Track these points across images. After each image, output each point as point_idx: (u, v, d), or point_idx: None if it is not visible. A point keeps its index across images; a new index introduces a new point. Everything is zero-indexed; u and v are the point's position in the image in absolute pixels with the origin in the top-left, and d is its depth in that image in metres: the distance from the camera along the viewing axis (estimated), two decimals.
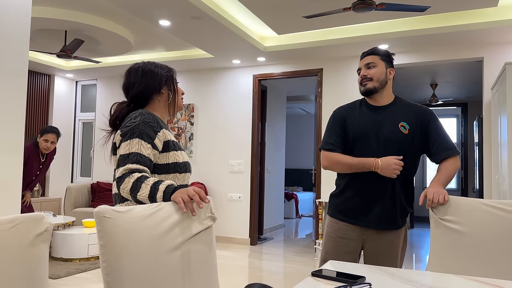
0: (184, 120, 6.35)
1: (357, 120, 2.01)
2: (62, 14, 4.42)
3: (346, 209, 1.99)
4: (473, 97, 8.06)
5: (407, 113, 1.98)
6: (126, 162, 1.46)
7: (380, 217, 1.94)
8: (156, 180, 1.43)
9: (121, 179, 1.44)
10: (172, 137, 1.65)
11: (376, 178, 1.92)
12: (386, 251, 1.95)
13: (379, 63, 2.00)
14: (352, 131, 2.00)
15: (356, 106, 2.08)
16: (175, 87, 1.74)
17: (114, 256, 1.08)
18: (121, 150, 1.51)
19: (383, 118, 1.98)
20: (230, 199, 6.00)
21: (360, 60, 2.08)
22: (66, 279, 3.96)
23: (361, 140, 1.96)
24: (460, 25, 4.34)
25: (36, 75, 6.84)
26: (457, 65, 5.83)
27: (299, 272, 4.47)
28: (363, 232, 1.97)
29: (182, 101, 1.79)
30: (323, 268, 1.43)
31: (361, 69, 2.03)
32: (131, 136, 1.50)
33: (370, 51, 2.03)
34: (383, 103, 2.02)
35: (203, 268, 1.35)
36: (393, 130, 1.94)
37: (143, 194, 1.40)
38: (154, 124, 1.56)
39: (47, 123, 7.02)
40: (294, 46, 5.12)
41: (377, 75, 1.98)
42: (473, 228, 1.70)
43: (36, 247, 0.90)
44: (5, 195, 2.32)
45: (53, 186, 7.02)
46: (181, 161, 1.62)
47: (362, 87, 2.01)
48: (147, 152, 1.50)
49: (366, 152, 1.95)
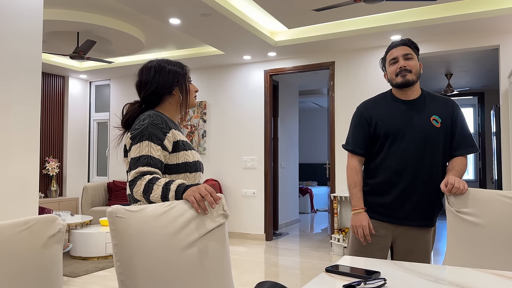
0: (197, 118, 6.38)
1: (387, 115, 1.94)
2: (73, 16, 4.46)
3: (378, 206, 1.93)
4: (490, 86, 7.89)
5: (437, 106, 1.93)
6: (137, 165, 1.48)
7: (415, 214, 1.89)
8: (167, 180, 1.44)
9: (134, 182, 1.46)
10: (182, 137, 1.65)
11: (411, 176, 1.87)
12: (418, 247, 1.91)
13: (414, 56, 1.93)
14: (382, 127, 1.93)
15: (383, 101, 2.00)
16: (187, 86, 1.72)
17: (127, 255, 1.09)
18: (132, 153, 1.52)
19: (415, 112, 1.92)
20: (244, 195, 6.02)
21: (391, 49, 1.96)
22: (85, 277, 4.02)
23: (394, 135, 1.90)
24: (474, 13, 4.24)
25: (50, 77, 6.94)
26: (472, 54, 5.71)
27: (315, 267, 4.46)
28: (394, 228, 1.92)
29: (195, 99, 1.78)
30: (338, 264, 1.41)
31: (396, 59, 1.92)
32: (141, 139, 1.51)
33: (406, 42, 1.93)
34: (413, 97, 1.95)
35: (216, 266, 1.36)
36: (426, 124, 1.89)
37: (156, 195, 1.41)
38: (163, 125, 1.56)
39: (63, 124, 7.13)
40: (304, 39, 5.08)
41: (416, 67, 1.91)
42: (491, 221, 1.66)
43: (49, 248, 0.91)
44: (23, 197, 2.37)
45: (70, 186, 7.14)
46: (191, 160, 1.62)
47: (401, 78, 1.90)
48: (157, 154, 1.51)
49: (400, 148, 1.89)
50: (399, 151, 1.89)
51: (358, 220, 1.91)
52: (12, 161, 2.31)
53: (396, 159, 1.89)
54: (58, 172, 7.01)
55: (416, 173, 1.87)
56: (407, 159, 1.88)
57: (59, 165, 6.98)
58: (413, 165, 1.87)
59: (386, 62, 1.99)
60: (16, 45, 2.35)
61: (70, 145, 7.14)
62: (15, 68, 2.34)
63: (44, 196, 6.75)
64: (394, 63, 1.94)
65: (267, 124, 5.93)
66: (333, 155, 5.48)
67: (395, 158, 1.90)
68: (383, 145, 1.93)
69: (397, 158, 1.89)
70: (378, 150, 1.95)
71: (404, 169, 1.88)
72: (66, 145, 7.12)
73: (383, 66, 2.03)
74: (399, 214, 1.90)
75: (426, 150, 1.87)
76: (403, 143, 1.89)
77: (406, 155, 1.88)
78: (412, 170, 1.87)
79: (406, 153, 1.88)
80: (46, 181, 6.80)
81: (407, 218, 1.89)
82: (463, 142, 1.91)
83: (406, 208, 1.89)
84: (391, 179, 1.90)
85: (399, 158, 1.89)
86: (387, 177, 1.91)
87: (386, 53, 2.01)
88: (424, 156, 1.88)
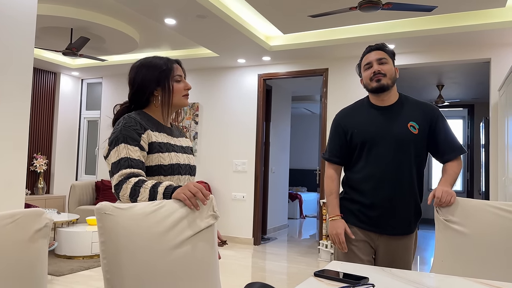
0: (189, 119, 6.35)
1: (363, 123, 1.92)
2: (68, 12, 4.42)
3: (361, 214, 1.92)
4: (480, 99, 8.00)
5: (415, 112, 1.90)
6: (119, 169, 1.45)
7: (396, 222, 1.87)
8: (154, 183, 1.41)
9: (119, 186, 1.43)
10: (162, 138, 1.58)
11: (391, 183, 1.85)
12: (400, 256, 1.91)
13: (389, 60, 1.91)
14: (358, 135, 1.91)
15: (360, 108, 1.98)
16: (170, 85, 1.61)
17: (114, 253, 1.07)
18: (111, 158, 1.49)
19: (391, 119, 1.89)
20: (234, 198, 6.00)
21: (365, 54, 1.94)
22: (69, 277, 3.96)
23: (370, 143, 1.88)
24: (467, 26, 4.30)
25: (42, 73, 6.87)
26: (464, 66, 5.78)
27: (303, 273, 4.45)
28: (377, 237, 1.91)
29: (185, 98, 1.66)
30: (326, 269, 1.41)
31: (370, 64, 1.90)
32: (117, 143, 1.49)
33: (380, 46, 1.92)
34: (389, 103, 1.93)
35: (204, 267, 1.34)
36: (403, 130, 1.86)
37: (143, 199, 1.39)
38: (137, 126, 1.52)
39: (53, 121, 7.05)
40: (299, 45, 5.10)
41: (390, 72, 1.89)
42: (478, 230, 1.67)
43: (35, 243, 0.89)
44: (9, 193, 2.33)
45: (57, 184, 7.05)
46: (166, 163, 1.55)
47: (376, 83, 1.87)
48: (136, 155, 1.48)
49: (376, 156, 1.87)
50: (377, 159, 1.87)
51: (333, 228, 1.91)
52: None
53: (375, 167, 1.87)
54: (46, 169, 6.92)
55: (395, 180, 1.85)
56: (385, 166, 1.86)
57: (47, 162, 6.89)
58: (392, 173, 1.85)
59: (361, 67, 1.96)
60: (8, 39, 2.32)
61: (59, 142, 7.06)
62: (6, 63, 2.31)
63: (30, 193, 6.66)
64: (368, 68, 1.91)
65: (259, 128, 5.93)
66: (323, 161, 5.49)
67: (373, 166, 1.88)
68: (360, 153, 1.92)
69: (375, 166, 1.87)
70: (357, 158, 1.94)
71: (383, 176, 1.86)
72: (55, 142, 7.03)
73: (359, 72, 2.00)
74: (381, 223, 1.88)
75: (404, 157, 1.85)
76: (380, 150, 1.87)
77: (384, 162, 1.86)
78: (391, 177, 1.85)
79: (384, 161, 1.86)
80: (33, 178, 6.71)
81: (389, 227, 1.88)
82: (449, 146, 1.89)
83: (387, 216, 1.87)
84: (371, 187, 1.88)
85: (377, 166, 1.87)
86: (367, 185, 1.89)
87: (361, 59, 1.98)
88: (402, 163, 1.85)
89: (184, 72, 1.70)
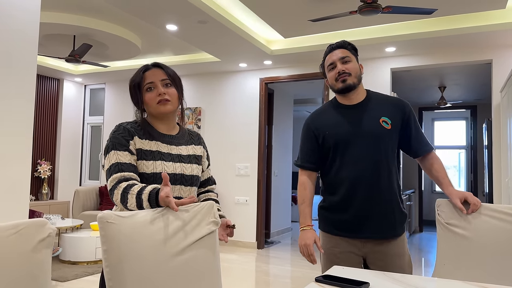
0: (192, 124, 6.38)
1: (333, 124, 1.85)
2: (71, 19, 4.46)
3: (339, 222, 1.82)
4: (482, 100, 7.98)
5: (385, 107, 1.84)
6: (110, 174, 1.47)
7: (378, 224, 1.78)
8: (139, 188, 1.39)
9: (112, 192, 1.44)
10: (149, 146, 1.54)
11: (367, 184, 1.77)
12: (391, 261, 1.79)
13: (352, 58, 1.84)
14: (329, 137, 1.84)
15: (328, 109, 1.91)
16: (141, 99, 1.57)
17: (117, 261, 1.09)
18: (105, 166, 1.52)
19: (361, 116, 1.82)
20: (237, 202, 6.00)
21: (327, 54, 1.87)
22: (73, 282, 3.98)
23: (344, 144, 1.81)
24: (468, 28, 4.31)
25: (45, 80, 6.92)
26: (466, 68, 5.78)
27: (306, 277, 4.45)
28: (362, 245, 1.81)
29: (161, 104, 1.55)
30: (327, 274, 1.42)
31: (334, 64, 1.83)
32: (107, 151, 1.51)
33: (341, 44, 1.85)
34: (357, 101, 1.86)
35: (206, 273, 1.35)
36: (375, 127, 1.79)
37: (132, 205, 1.39)
38: (125, 133, 1.52)
39: (56, 127, 7.09)
40: (300, 49, 5.12)
41: (355, 70, 1.82)
42: (480, 234, 1.67)
43: (39, 253, 0.90)
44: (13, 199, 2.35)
45: (61, 189, 7.08)
46: (148, 172, 1.50)
47: (341, 83, 1.80)
48: (126, 159, 1.48)
49: (350, 156, 1.80)
50: (352, 159, 1.79)
51: (302, 239, 1.82)
52: (4, 163, 2.30)
53: (351, 168, 1.79)
54: (50, 175, 6.96)
55: (372, 180, 1.77)
56: (362, 166, 1.78)
57: (51, 168, 6.93)
58: (370, 172, 1.77)
59: (325, 68, 1.89)
60: (12, 46, 2.34)
61: (62, 148, 7.10)
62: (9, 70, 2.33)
63: (35, 199, 6.69)
64: (332, 68, 1.84)
65: (261, 132, 5.94)
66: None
67: (349, 167, 1.80)
68: (334, 156, 1.84)
69: (351, 167, 1.79)
70: (331, 161, 1.85)
71: (360, 177, 1.77)
72: (58, 148, 7.07)
73: (323, 72, 1.93)
74: (361, 228, 1.78)
75: (380, 154, 1.78)
76: (354, 150, 1.79)
77: (358, 162, 1.78)
78: (369, 177, 1.77)
79: (359, 161, 1.78)
80: (37, 183, 6.75)
81: (369, 231, 1.78)
82: (420, 141, 1.85)
83: (369, 220, 1.78)
84: (349, 190, 1.79)
85: (353, 167, 1.79)
86: (345, 188, 1.80)
87: (323, 59, 1.91)
88: (378, 161, 1.78)
89: (166, 75, 1.58)
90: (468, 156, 9.34)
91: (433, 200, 9.48)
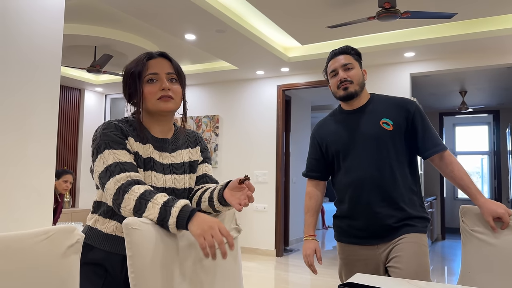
0: (210, 131, 6.42)
1: (334, 131, 1.85)
2: (92, 30, 4.58)
3: (350, 229, 1.81)
4: (505, 104, 7.81)
5: (387, 108, 1.79)
6: (109, 176, 1.20)
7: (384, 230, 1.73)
8: (166, 199, 1.16)
9: (118, 196, 1.18)
10: (143, 151, 1.32)
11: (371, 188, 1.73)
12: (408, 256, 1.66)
13: (355, 64, 1.81)
14: (331, 144, 1.84)
15: (332, 117, 1.92)
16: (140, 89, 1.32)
17: (142, 267, 1.10)
18: (97, 169, 1.24)
19: (361, 120, 1.80)
20: (255, 209, 6.00)
21: (330, 60, 1.84)
22: None
23: (345, 149, 1.80)
24: (489, 31, 4.24)
25: (67, 90, 7.09)
26: (487, 72, 5.67)
27: (326, 285, 4.40)
28: (376, 249, 1.76)
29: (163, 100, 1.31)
30: (351, 281, 1.40)
31: (336, 71, 1.81)
32: (99, 151, 1.24)
33: (344, 50, 1.81)
34: (359, 106, 1.84)
35: (228, 280, 1.36)
36: (374, 129, 1.76)
37: (151, 216, 1.15)
38: (117, 132, 1.28)
39: (78, 136, 7.24)
40: (318, 56, 5.12)
41: (357, 77, 1.79)
42: (506, 240, 1.63)
43: (68, 258, 0.92)
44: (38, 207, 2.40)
45: (83, 197, 7.21)
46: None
47: (343, 91, 1.78)
48: (126, 158, 1.24)
49: (353, 161, 1.78)
50: (354, 164, 1.77)
51: (304, 249, 1.86)
52: (29, 173, 2.36)
53: (353, 174, 1.77)
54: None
55: (376, 183, 1.73)
56: (363, 170, 1.75)
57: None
58: (371, 175, 1.74)
59: (328, 74, 1.87)
60: (37, 59, 2.42)
61: (84, 157, 7.24)
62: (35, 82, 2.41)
63: None
64: (334, 75, 1.82)
65: (279, 139, 5.94)
66: None
67: (352, 172, 1.78)
68: (338, 162, 1.84)
69: (353, 172, 1.77)
70: (337, 169, 1.86)
71: (362, 181, 1.75)
72: (80, 156, 7.22)
73: (326, 78, 1.90)
74: (373, 233, 1.75)
75: (382, 156, 1.74)
76: (356, 154, 1.77)
77: (361, 167, 1.76)
78: (371, 180, 1.73)
79: (361, 165, 1.75)
80: None
81: (378, 236, 1.75)
82: (429, 141, 1.75)
83: (376, 224, 1.74)
84: (353, 195, 1.77)
85: (355, 171, 1.77)
86: (350, 194, 1.78)
87: (326, 64, 1.88)
88: (382, 164, 1.74)
89: (173, 68, 1.35)
90: (491, 162, 9.13)
91: (455, 207, 9.29)
